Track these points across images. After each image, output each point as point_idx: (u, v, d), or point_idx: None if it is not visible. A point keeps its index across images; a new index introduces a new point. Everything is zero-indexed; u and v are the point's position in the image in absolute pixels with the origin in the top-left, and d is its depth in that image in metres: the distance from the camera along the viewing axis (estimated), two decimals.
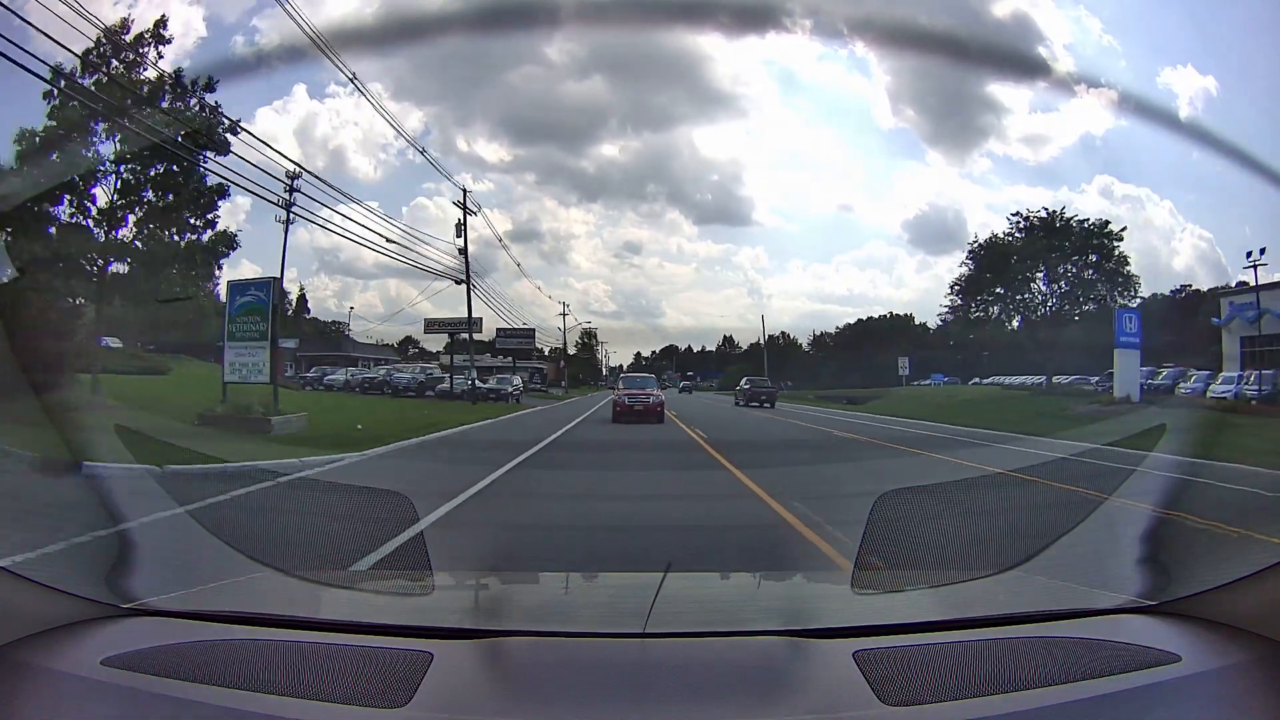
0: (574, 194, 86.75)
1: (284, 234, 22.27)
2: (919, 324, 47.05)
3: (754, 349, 68.53)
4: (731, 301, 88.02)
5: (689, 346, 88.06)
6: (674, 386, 58.58)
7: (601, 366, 74.03)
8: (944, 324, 37.18)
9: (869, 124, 73.63)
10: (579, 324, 68.56)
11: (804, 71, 76.56)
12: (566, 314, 57.31)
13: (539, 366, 55.65)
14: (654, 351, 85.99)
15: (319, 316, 55.33)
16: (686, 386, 60.62)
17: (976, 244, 33.85)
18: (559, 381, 54.71)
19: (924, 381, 46.82)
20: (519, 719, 1.21)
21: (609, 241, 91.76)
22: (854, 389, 41.09)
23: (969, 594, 2.05)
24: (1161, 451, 11.64)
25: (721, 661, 1.39)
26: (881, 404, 32.57)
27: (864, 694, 1.25)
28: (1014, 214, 33.56)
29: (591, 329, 71.90)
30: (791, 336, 74.31)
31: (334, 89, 71.40)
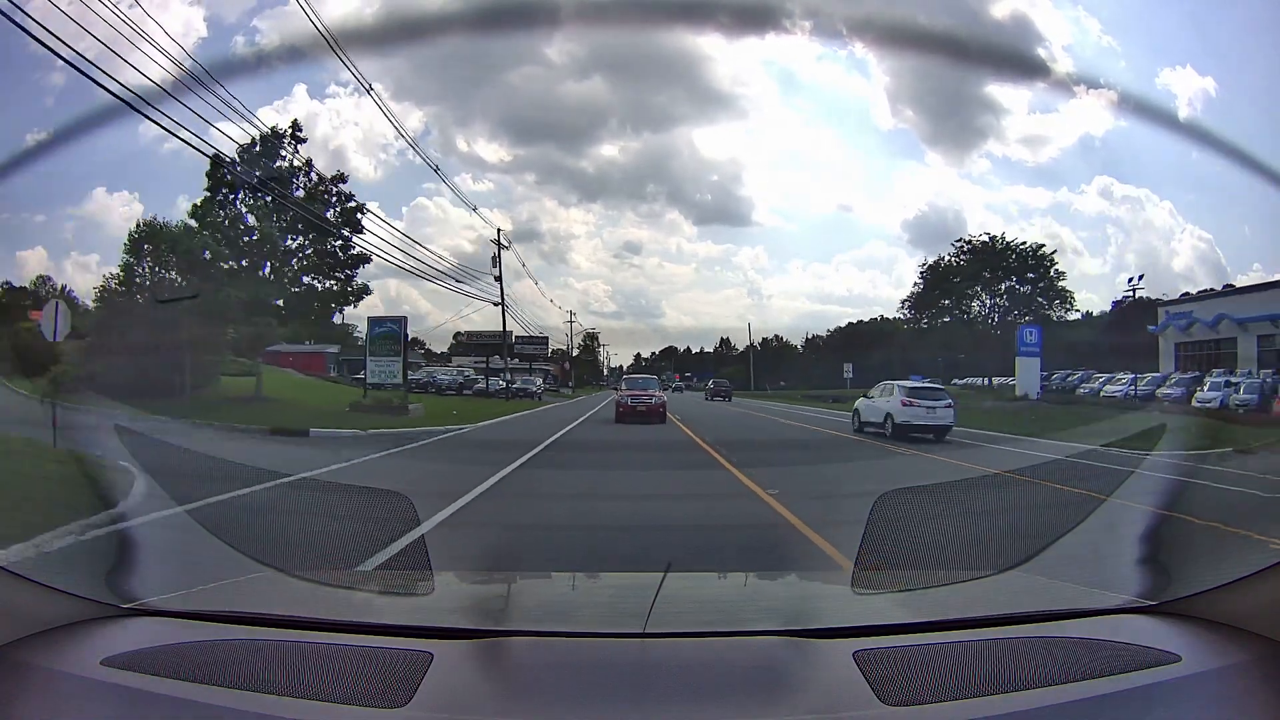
0: (574, 194, 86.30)
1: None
2: (907, 327, 48.39)
3: (750, 350, 70.76)
4: (731, 302, 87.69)
5: (688, 348, 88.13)
6: (671, 386, 60.37)
7: (603, 367, 75.97)
8: (906, 329, 44.63)
9: (868, 124, 73.37)
10: (583, 329, 69.78)
11: (803, 72, 76.26)
12: (572, 320, 59.06)
13: (546, 368, 56.99)
14: (654, 353, 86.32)
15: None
16: (679, 386, 64.30)
17: (924, 265, 41.95)
18: (566, 382, 59.45)
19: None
20: (519, 719, 1.21)
21: (609, 241, 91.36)
22: (840, 389, 41.99)
23: (969, 594, 2.04)
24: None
25: (721, 662, 1.38)
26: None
27: (864, 694, 1.25)
28: (957, 240, 42.09)
29: (594, 332, 73.62)
30: (785, 339, 75.68)
31: (334, 89, 71.03)
